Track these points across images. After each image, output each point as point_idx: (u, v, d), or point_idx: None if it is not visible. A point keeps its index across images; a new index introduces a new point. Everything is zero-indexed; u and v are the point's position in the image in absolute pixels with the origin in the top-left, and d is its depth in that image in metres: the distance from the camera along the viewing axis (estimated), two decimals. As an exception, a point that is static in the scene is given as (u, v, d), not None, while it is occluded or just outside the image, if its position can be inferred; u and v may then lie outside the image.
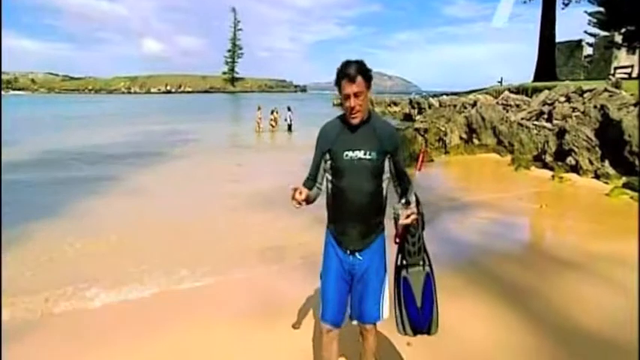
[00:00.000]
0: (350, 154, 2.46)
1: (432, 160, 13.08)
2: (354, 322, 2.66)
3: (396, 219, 2.41)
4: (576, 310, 4.16)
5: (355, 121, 2.46)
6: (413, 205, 2.36)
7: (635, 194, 8.33)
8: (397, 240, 2.49)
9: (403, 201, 2.39)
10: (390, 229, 2.60)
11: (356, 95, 2.39)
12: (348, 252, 2.56)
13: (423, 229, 2.45)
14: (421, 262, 2.50)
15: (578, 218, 7.65)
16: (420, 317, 2.51)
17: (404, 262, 2.51)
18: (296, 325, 3.72)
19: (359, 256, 2.55)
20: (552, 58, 30.02)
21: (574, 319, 3.99)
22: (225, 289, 4.86)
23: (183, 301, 4.57)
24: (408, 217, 2.35)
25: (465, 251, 5.91)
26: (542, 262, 5.48)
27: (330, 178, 2.58)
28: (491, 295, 4.49)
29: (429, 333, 2.53)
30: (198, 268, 5.31)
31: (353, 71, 2.37)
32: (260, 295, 4.59)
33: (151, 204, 8.75)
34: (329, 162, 2.55)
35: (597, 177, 9.97)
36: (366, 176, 2.46)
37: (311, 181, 2.65)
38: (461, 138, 14.78)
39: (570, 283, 4.79)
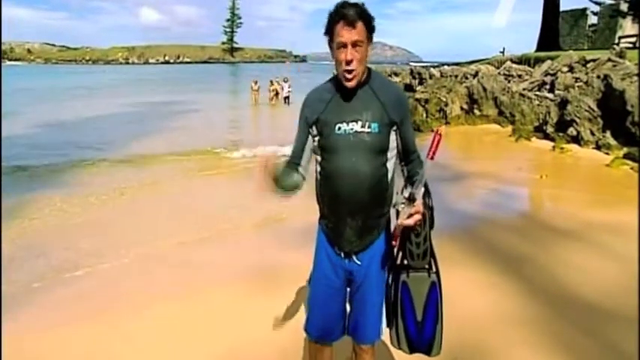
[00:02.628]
0: (344, 126, 1.90)
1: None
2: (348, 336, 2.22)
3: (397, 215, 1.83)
4: (576, 279, 4.18)
5: (351, 84, 1.87)
6: (419, 201, 1.76)
7: (636, 165, 8.30)
8: (395, 243, 1.99)
9: (406, 194, 1.76)
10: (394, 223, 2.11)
11: (354, 45, 1.80)
12: (344, 254, 2.05)
13: (431, 227, 1.89)
14: (426, 267, 1.95)
15: (578, 188, 7.64)
16: (418, 334, 1.99)
17: (404, 262, 1.98)
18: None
19: (357, 260, 2.04)
20: (556, 27, 29.46)
21: (573, 288, 4.01)
22: (223, 255, 4.89)
23: (182, 267, 4.60)
24: (410, 216, 1.76)
25: (464, 220, 5.91)
26: (542, 232, 5.49)
27: (318, 159, 2.01)
28: (490, 264, 4.51)
29: (428, 354, 2.02)
30: (196, 233, 5.35)
31: (353, 13, 1.78)
32: (258, 261, 4.62)
33: (146, 173, 8.72)
34: (317, 138, 1.99)
35: (598, 148, 9.92)
36: (366, 155, 1.90)
37: (292, 165, 2.08)
38: (462, 108, 14.64)
39: (570, 252, 4.81)
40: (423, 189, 1.78)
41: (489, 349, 3.19)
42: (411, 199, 1.75)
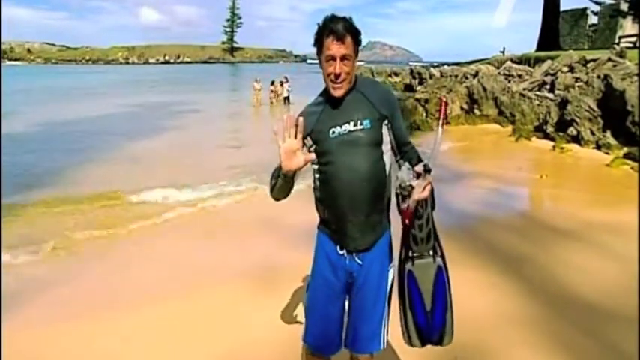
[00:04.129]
0: (337, 129, 1.94)
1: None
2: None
3: (402, 194, 1.80)
4: (576, 279, 4.17)
5: (338, 93, 1.93)
6: (430, 174, 1.76)
7: (636, 165, 8.29)
8: (407, 221, 1.93)
9: (419, 168, 1.76)
10: (394, 219, 2.06)
11: (343, 59, 1.87)
12: (345, 253, 2.02)
13: (433, 208, 1.89)
14: (430, 252, 1.96)
15: (578, 188, 7.64)
16: (428, 324, 1.97)
17: (408, 253, 1.98)
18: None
19: (358, 260, 2.02)
20: (556, 27, 29.47)
21: (573, 288, 4.01)
22: (223, 255, 4.88)
23: (181, 266, 4.60)
24: (424, 189, 1.75)
25: (464, 220, 5.91)
26: (542, 232, 5.48)
27: (315, 167, 2.02)
28: (490, 264, 4.51)
29: (440, 344, 2.00)
30: (195, 233, 5.34)
31: (341, 28, 1.84)
32: (258, 261, 4.62)
33: (148, 172, 8.72)
34: (312, 148, 2.00)
35: (598, 147, 9.91)
36: (362, 151, 1.93)
37: None
38: (462, 108, 14.65)
39: (570, 252, 4.80)
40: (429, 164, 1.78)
41: (489, 349, 3.19)
42: (426, 171, 1.76)
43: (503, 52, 28.29)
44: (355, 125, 1.94)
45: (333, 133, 1.95)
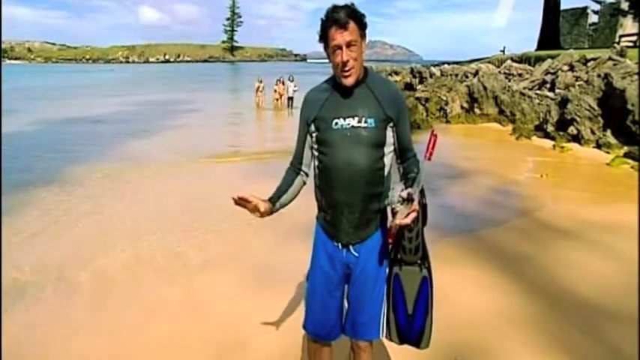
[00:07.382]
0: (340, 122, 1.94)
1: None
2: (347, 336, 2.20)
3: (392, 212, 1.84)
4: (576, 278, 4.17)
5: (349, 82, 1.92)
6: (416, 202, 1.76)
7: (636, 164, 8.30)
8: (390, 240, 1.96)
9: (404, 194, 1.75)
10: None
11: (348, 46, 1.86)
12: (341, 246, 2.06)
13: (424, 224, 1.91)
14: (418, 262, 1.98)
15: (579, 187, 7.63)
16: (409, 327, 2.03)
17: (398, 256, 2.01)
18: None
19: (354, 252, 2.05)
20: (556, 26, 29.46)
21: (574, 287, 4.01)
22: (222, 253, 4.88)
23: (180, 265, 4.59)
24: (407, 216, 1.76)
25: (464, 219, 5.90)
26: (542, 231, 5.48)
27: (316, 154, 2.06)
28: (491, 263, 4.50)
29: (417, 346, 2.04)
30: (192, 234, 5.33)
31: (343, 15, 1.84)
32: (258, 258, 4.61)
33: (148, 171, 8.71)
34: (314, 134, 2.03)
35: (599, 147, 9.92)
36: (362, 149, 1.93)
37: (294, 168, 2.18)
38: (462, 107, 14.65)
39: (570, 251, 4.80)
40: (419, 187, 1.77)
41: (489, 348, 3.18)
42: (409, 200, 1.74)
43: (503, 51, 28.25)
44: (359, 122, 1.93)
45: (336, 124, 1.95)
